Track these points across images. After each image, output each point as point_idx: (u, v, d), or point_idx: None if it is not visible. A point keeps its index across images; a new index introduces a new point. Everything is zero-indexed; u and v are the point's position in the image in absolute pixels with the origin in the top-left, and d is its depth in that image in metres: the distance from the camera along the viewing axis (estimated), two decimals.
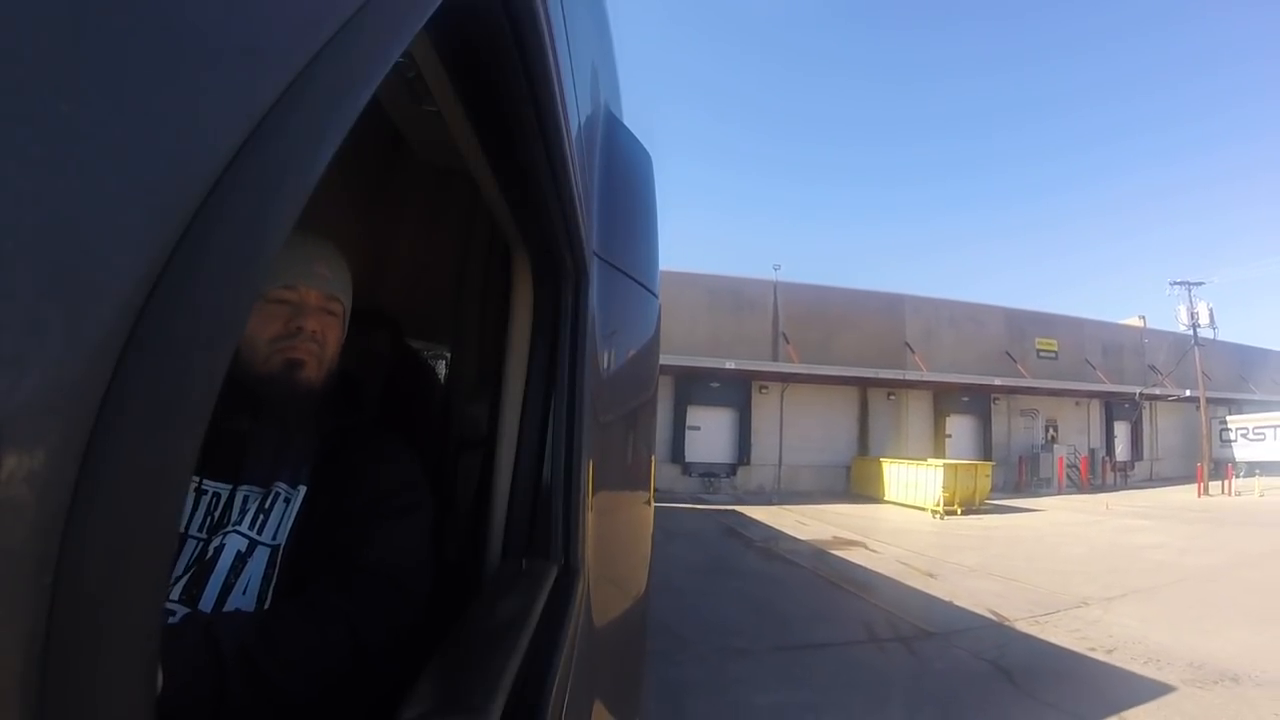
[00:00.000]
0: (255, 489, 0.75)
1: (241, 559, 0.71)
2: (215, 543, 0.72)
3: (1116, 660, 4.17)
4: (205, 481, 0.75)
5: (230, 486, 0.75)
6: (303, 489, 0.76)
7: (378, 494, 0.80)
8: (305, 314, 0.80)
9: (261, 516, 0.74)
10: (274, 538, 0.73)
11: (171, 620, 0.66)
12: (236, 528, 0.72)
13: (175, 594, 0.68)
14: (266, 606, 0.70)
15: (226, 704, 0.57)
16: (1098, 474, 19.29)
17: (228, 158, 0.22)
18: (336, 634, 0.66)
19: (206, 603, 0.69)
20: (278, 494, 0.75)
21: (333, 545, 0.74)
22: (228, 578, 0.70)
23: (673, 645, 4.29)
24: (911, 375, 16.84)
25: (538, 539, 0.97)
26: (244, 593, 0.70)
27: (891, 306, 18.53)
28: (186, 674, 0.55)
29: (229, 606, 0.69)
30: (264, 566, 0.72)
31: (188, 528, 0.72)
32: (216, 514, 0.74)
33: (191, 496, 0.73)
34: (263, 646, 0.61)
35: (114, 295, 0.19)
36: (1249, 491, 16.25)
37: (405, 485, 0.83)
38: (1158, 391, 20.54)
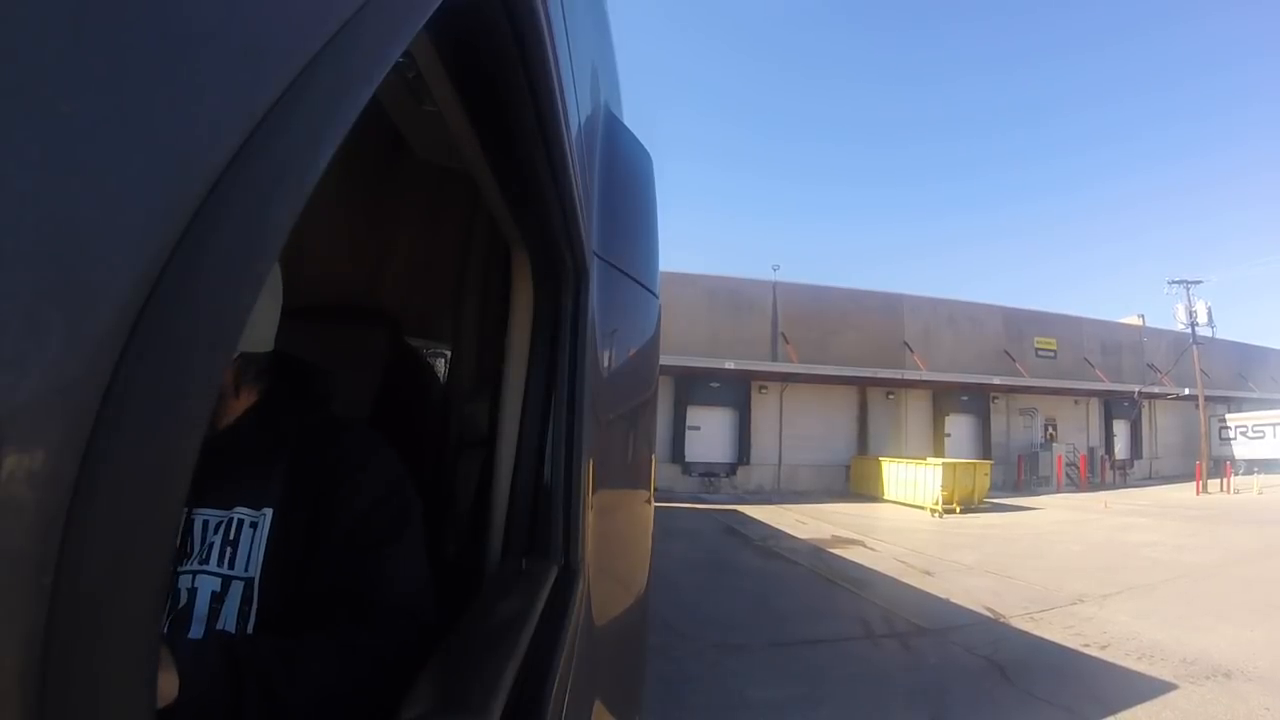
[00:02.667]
0: (214, 513, 0.71)
1: (218, 599, 0.68)
2: (185, 583, 0.68)
3: (1110, 656, 4.19)
4: None
5: (185, 510, 0.71)
6: (269, 511, 0.71)
7: (368, 508, 0.75)
8: None
9: (229, 549, 0.70)
10: (246, 569, 0.69)
11: (194, 638, 0.65)
12: (204, 567, 0.69)
13: None
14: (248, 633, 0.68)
15: None
16: (1096, 472, 19.32)
17: (228, 158, 0.22)
18: (364, 672, 0.65)
19: None
20: (241, 521, 0.71)
21: (332, 575, 0.71)
22: (208, 621, 0.67)
23: (672, 640, 4.30)
24: (910, 375, 16.86)
25: (538, 539, 0.97)
26: (222, 630, 0.67)
27: (890, 306, 18.54)
28: (206, 699, 0.54)
29: None
30: (239, 602, 0.68)
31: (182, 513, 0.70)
32: (175, 542, 0.71)
33: None
34: (288, 680, 0.60)
35: (114, 295, 0.19)
36: (1248, 489, 16.30)
37: (392, 490, 0.78)
38: (1156, 390, 20.58)
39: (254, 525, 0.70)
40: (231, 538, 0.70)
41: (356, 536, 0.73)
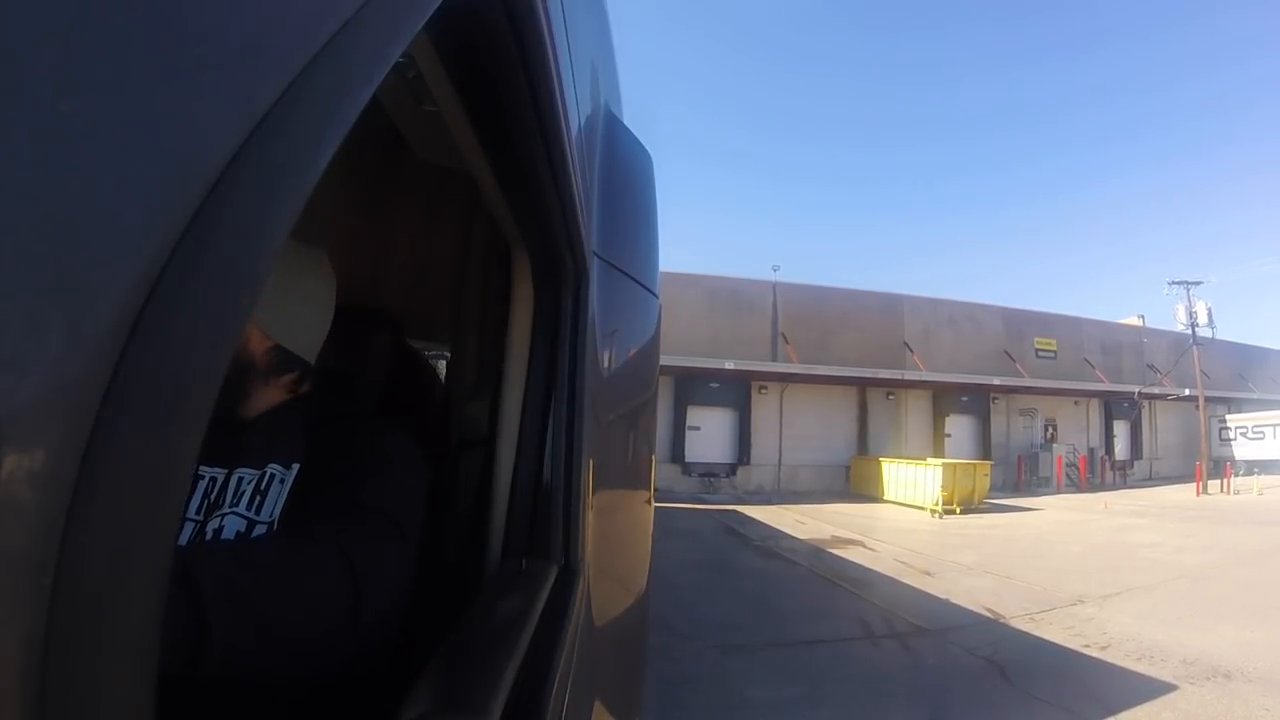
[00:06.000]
0: (250, 471, 0.77)
1: (241, 539, 0.72)
2: (214, 525, 0.72)
3: (1110, 657, 4.19)
4: (201, 467, 0.75)
5: (226, 471, 0.77)
6: (296, 466, 0.78)
7: (373, 453, 0.81)
8: None
9: (259, 498, 0.75)
10: (271, 515, 0.75)
11: None
12: (234, 509, 0.74)
13: None
14: None
15: (212, 640, 0.50)
16: (1096, 473, 19.31)
17: (228, 158, 0.22)
18: (324, 554, 0.63)
19: None
20: (273, 475, 0.77)
21: (328, 498, 0.74)
22: None
23: (671, 640, 4.30)
24: (910, 375, 16.85)
25: (538, 539, 0.97)
26: None
27: (890, 306, 18.53)
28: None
29: None
30: None
31: (184, 511, 0.72)
32: (213, 497, 0.75)
33: None
34: (241, 568, 0.56)
35: (114, 295, 0.19)
36: (1248, 490, 16.28)
37: (401, 451, 0.84)
38: (1157, 390, 20.56)
39: (283, 480, 0.77)
40: (262, 488, 0.76)
41: (356, 465, 0.79)
